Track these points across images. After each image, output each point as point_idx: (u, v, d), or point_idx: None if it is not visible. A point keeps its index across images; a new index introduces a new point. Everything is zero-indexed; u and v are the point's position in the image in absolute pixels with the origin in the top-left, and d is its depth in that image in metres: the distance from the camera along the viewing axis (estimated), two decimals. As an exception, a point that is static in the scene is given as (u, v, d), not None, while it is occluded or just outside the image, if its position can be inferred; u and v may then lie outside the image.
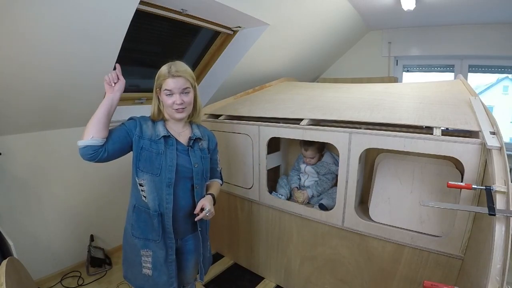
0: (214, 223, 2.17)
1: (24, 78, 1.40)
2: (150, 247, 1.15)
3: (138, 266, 1.18)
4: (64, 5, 1.19)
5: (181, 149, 1.17)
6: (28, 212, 1.83)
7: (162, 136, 1.12)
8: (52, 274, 1.98)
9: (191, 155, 1.18)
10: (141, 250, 1.16)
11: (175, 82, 1.10)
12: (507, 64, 2.80)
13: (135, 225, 1.16)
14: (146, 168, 1.11)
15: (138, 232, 1.16)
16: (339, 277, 1.60)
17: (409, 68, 3.38)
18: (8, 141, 1.68)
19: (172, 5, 1.76)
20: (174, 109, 1.13)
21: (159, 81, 1.13)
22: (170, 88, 1.10)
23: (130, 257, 1.21)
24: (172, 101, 1.12)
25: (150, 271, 1.16)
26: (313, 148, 1.88)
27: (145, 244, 1.15)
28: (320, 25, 2.58)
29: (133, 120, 1.16)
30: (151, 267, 1.16)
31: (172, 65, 1.12)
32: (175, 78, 1.10)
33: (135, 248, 1.17)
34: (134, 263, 1.19)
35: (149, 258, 1.16)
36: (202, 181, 1.22)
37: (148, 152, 1.11)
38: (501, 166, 0.95)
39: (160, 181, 1.11)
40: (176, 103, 1.12)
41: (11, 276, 0.97)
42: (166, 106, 1.14)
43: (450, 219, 1.26)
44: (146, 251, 1.16)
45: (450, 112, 1.33)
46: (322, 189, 1.87)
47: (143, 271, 1.17)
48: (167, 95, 1.12)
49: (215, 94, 2.61)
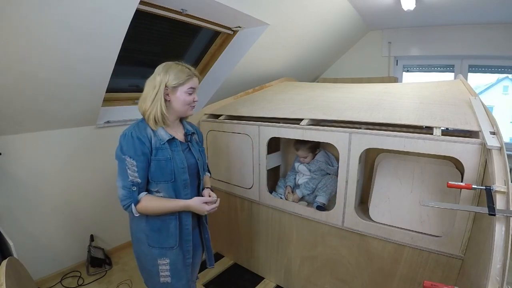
0: (214, 223, 2.17)
1: (24, 78, 1.40)
2: (168, 255, 1.13)
3: (156, 276, 1.16)
4: (64, 5, 1.19)
5: (184, 148, 1.18)
6: (28, 212, 1.83)
7: (166, 141, 1.10)
8: (52, 274, 1.98)
9: (193, 151, 1.20)
10: (158, 259, 1.13)
11: (197, 81, 1.16)
12: (507, 64, 2.80)
13: (150, 235, 1.12)
14: (158, 178, 1.08)
15: (154, 241, 1.12)
16: (339, 277, 1.60)
17: (409, 68, 3.38)
18: (8, 141, 1.68)
19: (172, 5, 1.76)
20: (192, 106, 1.17)
21: (181, 80, 1.10)
22: (195, 86, 1.14)
23: (146, 267, 1.17)
24: (192, 98, 1.15)
25: (169, 278, 1.16)
26: (305, 148, 1.88)
27: (161, 253, 1.13)
28: (320, 25, 2.58)
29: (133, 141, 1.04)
30: (169, 275, 1.15)
31: (185, 64, 1.14)
32: (197, 77, 1.16)
33: (152, 258, 1.14)
34: (151, 273, 1.16)
35: (167, 266, 1.14)
36: (204, 174, 1.26)
37: (156, 161, 1.08)
38: (501, 166, 0.95)
39: (177, 185, 1.11)
40: (195, 100, 1.16)
41: (11, 276, 0.97)
42: (183, 104, 1.13)
43: (450, 219, 1.26)
44: (163, 259, 1.14)
45: (450, 112, 1.33)
46: (313, 186, 1.87)
47: (161, 280, 1.16)
48: (190, 94, 1.13)
49: (215, 94, 2.61)
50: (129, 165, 1.03)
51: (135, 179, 1.04)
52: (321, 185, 1.85)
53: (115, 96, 2.18)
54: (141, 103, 1.12)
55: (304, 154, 1.91)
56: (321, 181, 1.87)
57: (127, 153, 1.03)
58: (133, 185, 1.04)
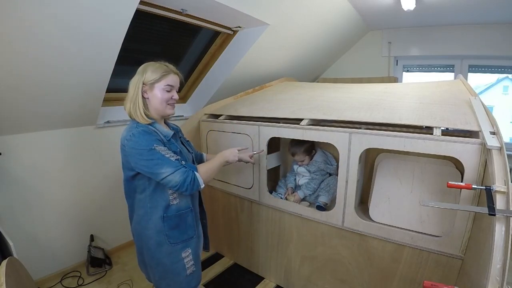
0: (214, 223, 2.17)
1: (24, 78, 1.40)
2: (189, 245, 1.19)
3: (182, 271, 1.17)
4: (64, 5, 1.19)
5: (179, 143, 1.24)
6: (28, 212, 1.83)
7: (171, 136, 1.14)
8: (52, 274, 1.98)
9: (186, 145, 1.28)
10: (181, 253, 1.16)
11: (176, 78, 1.15)
12: (507, 64, 2.80)
13: (169, 233, 1.13)
14: None
15: (175, 238, 1.14)
16: (339, 277, 1.60)
17: (409, 68, 3.38)
18: (8, 141, 1.68)
19: (172, 5, 1.76)
20: (169, 104, 1.15)
21: (158, 76, 1.10)
22: (173, 83, 1.14)
23: (171, 267, 1.16)
24: (170, 96, 1.14)
25: (194, 267, 1.20)
26: (300, 152, 1.89)
27: (183, 246, 1.17)
28: (320, 25, 2.58)
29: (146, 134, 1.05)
30: (193, 263, 1.20)
31: (164, 63, 1.15)
32: (176, 75, 1.15)
33: (176, 254, 1.15)
34: (177, 270, 1.16)
35: (190, 256, 1.19)
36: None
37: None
38: (501, 166, 0.95)
39: None
40: (174, 98, 1.15)
41: (11, 276, 0.97)
42: (160, 101, 1.12)
43: (450, 219, 1.26)
44: (186, 251, 1.17)
45: (450, 112, 1.33)
46: (315, 187, 1.87)
47: (188, 272, 1.18)
48: (167, 91, 1.13)
49: (215, 94, 2.61)
50: (162, 152, 1.04)
51: (176, 157, 1.07)
52: (324, 185, 1.85)
53: (115, 96, 2.18)
54: (125, 103, 1.13)
55: (300, 158, 1.91)
56: (323, 181, 1.87)
57: (153, 143, 1.03)
58: (179, 162, 1.06)
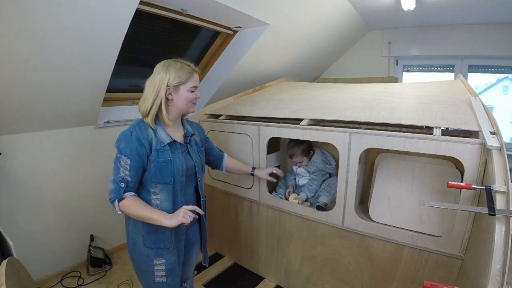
0: (214, 223, 2.17)
1: (23, 78, 1.40)
2: (163, 255, 1.15)
3: (151, 275, 1.16)
4: (64, 5, 1.18)
5: (183, 149, 1.18)
6: (28, 212, 1.83)
7: (167, 143, 1.10)
8: (52, 274, 1.98)
9: (191, 152, 1.20)
10: (154, 260, 1.14)
11: (198, 77, 1.16)
12: (507, 64, 2.80)
13: (146, 236, 1.13)
14: (157, 179, 1.09)
15: (150, 242, 1.13)
16: (339, 277, 1.60)
17: (409, 68, 3.38)
18: (8, 141, 1.68)
19: (172, 5, 1.76)
20: (193, 103, 1.16)
21: (183, 78, 1.09)
22: (197, 84, 1.14)
23: (142, 267, 1.17)
24: (195, 95, 1.15)
25: (165, 278, 1.17)
26: (297, 154, 1.89)
27: (157, 253, 1.14)
28: (320, 25, 2.58)
29: (131, 141, 1.05)
30: (165, 274, 1.16)
31: (184, 61, 1.14)
32: (197, 73, 1.15)
33: (148, 259, 1.14)
34: (147, 273, 1.17)
35: (162, 266, 1.15)
36: (202, 174, 1.26)
37: (156, 163, 1.08)
38: (501, 166, 0.95)
39: (175, 187, 1.12)
40: (197, 97, 1.16)
41: (11, 276, 0.97)
42: (185, 102, 1.13)
43: (450, 219, 1.26)
44: (159, 260, 1.14)
45: (450, 112, 1.33)
46: (316, 188, 1.88)
47: (157, 280, 1.16)
48: (192, 91, 1.13)
49: (215, 94, 2.61)
50: (122, 162, 1.05)
51: (125, 177, 1.05)
52: (325, 186, 1.85)
53: (115, 96, 2.18)
54: (141, 103, 1.11)
55: (299, 160, 1.91)
56: (324, 182, 1.87)
57: (123, 151, 1.05)
58: (122, 181, 1.05)
